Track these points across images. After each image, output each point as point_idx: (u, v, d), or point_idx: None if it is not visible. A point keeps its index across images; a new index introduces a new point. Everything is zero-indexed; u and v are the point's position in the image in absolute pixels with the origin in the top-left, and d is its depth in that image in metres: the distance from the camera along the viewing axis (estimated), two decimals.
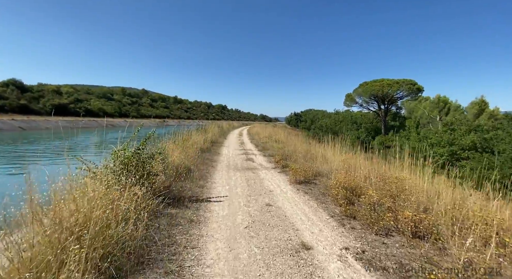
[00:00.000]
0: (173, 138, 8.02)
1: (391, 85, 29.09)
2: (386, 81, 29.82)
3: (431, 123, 28.61)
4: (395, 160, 5.34)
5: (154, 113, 67.95)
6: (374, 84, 30.14)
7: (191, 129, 11.56)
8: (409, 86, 28.75)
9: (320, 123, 41.88)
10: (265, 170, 6.54)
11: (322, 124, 40.64)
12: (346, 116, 40.39)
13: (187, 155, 6.92)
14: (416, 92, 29.70)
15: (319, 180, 5.54)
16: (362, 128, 34.09)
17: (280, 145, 11.31)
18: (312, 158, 7.49)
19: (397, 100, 32.06)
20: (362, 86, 31.59)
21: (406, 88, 28.73)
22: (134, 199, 2.94)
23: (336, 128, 37.90)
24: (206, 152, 9.23)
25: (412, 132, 23.26)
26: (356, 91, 32.77)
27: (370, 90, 29.81)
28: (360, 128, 34.66)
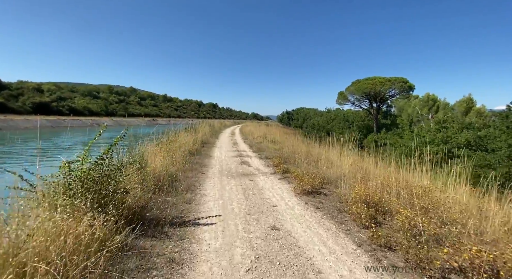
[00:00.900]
0: (158, 140, 7.01)
1: (384, 83, 28.80)
2: (379, 79, 29.53)
3: (422, 121, 28.55)
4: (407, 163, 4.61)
5: (143, 112, 65.72)
6: (366, 82, 29.79)
7: (180, 129, 10.55)
8: (401, 84, 28.55)
9: (312, 121, 41.42)
10: (263, 176, 5.66)
11: (314, 122, 40.19)
12: (338, 115, 40.11)
13: (173, 160, 5.94)
14: (408, 90, 29.56)
15: (328, 189, 4.71)
16: (354, 127, 33.80)
17: (276, 145, 10.46)
18: (314, 160, 6.68)
19: (389, 98, 31.92)
20: (355, 84, 31.20)
21: (398, 86, 28.50)
22: (86, 235, 2.00)
23: (329, 127, 37.52)
24: (196, 154, 8.25)
25: (406, 131, 22.96)
26: (348, 89, 32.37)
27: (363, 88, 29.44)
28: (352, 126, 34.39)
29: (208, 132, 14.75)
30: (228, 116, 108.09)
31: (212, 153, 8.92)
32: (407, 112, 34.97)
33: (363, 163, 5.96)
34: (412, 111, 34.32)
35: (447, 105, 33.29)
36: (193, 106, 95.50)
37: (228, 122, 43.06)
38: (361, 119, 36.56)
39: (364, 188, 3.49)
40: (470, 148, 15.31)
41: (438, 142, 16.33)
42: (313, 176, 4.87)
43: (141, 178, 3.65)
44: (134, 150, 4.60)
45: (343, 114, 40.29)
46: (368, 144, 24.04)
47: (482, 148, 14.96)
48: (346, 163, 5.79)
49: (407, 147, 18.04)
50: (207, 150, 9.54)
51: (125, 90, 78.28)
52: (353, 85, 31.62)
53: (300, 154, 7.64)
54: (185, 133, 9.96)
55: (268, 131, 15.56)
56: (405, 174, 4.42)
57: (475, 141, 15.82)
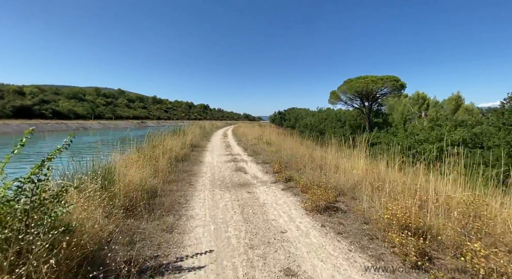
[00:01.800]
0: (138, 145, 5.99)
1: (376, 81, 28.50)
2: (371, 78, 29.20)
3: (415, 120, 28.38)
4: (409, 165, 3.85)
5: (132, 114, 63.60)
6: (358, 81, 29.41)
7: (167, 132, 9.51)
8: (393, 82, 28.31)
9: (304, 121, 40.91)
10: (263, 186, 4.75)
11: (307, 122, 39.69)
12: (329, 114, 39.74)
13: (154, 169, 4.95)
14: (400, 89, 29.37)
15: (344, 202, 3.85)
16: (347, 126, 33.45)
17: (272, 147, 9.58)
18: (318, 165, 5.82)
19: (381, 97, 31.72)
20: (347, 84, 30.78)
21: (390, 84, 28.25)
22: None
23: (321, 127, 37.06)
24: (185, 160, 7.26)
25: (400, 129, 22.58)
26: (340, 88, 31.95)
27: (355, 87, 29.04)
28: (345, 125, 34.03)
29: (198, 135, 13.72)
30: (219, 118, 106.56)
31: (203, 158, 7.94)
32: (397, 110, 34.90)
33: (377, 167, 5.16)
34: (403, 109, 34.28)
35: (437, 103, 33.41)
36: (183, 107, 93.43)
37: (220, 124, 41.94)
38: (353, 118, 36.30)
39: (401, 208, 2.63)
40: (466, 146, 14.92)
41: (433, 140, 15.91)
42: (325, 186, 4.01)
43: (103, 201, 2.66)
44: (100, 161, 3.61)
45: (335, 114, 39.94)
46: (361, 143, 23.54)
47: (478, 145, 14.58)
48: (358, 167, 4.96)
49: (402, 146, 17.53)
50: (197, 155, 8.55)
51: (113, 92, 75.63)
52: (345, 85, 31.21)
53: (301, 157, 6.78)
54: (172, 137, 8.93)
55: (262, 132, 14.66)
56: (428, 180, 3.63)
57: (471, 139, 15.42)
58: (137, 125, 52.86)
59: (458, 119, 20.21)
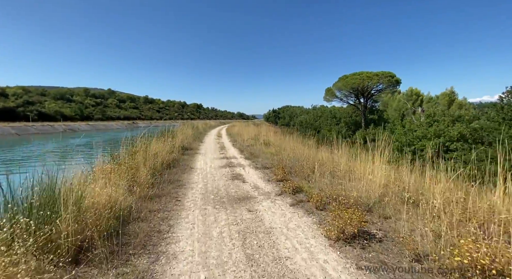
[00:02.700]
0: (114, 152, 5.00)
1: (371, 77, 27.91)
2: (366, 74, 28.61)
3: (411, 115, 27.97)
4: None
5: (122, 114, 61.67)
6: (354, 77, 28.78)
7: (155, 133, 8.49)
8: (388, 78, 27.78)
9: (299, 119, 40.30)
10: (267, 201, 3.84)
11: (302, 120, 39.06)
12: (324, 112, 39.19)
13: (132, 182, 3.99)
14: (395, 84, 28.88)
15: (375, 224, 2.97)
16: (342, 123, 32.91)
17: (271, 148, 8.68)
18: (330, 171, 4.95)
19: (376, 93, 31.25)
20: (342, 80, 30.12)
21: (385, 80, 27.71)
22: None
23: (317, 124, 36.45)
24: (173, 166, 6.29)
25: (397, 125, 22.04)
26: (336, 85, 31.29)
27: (351, 84, 28.39)
28: (340, 123, 33.48)
29: (190, 135, 12.70)
30: (213, 117, 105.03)
31: (194, 163, 6.97)
32: (391, 107, 34.57)
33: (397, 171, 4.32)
34: (397, 105, 33.96)
35: (431, 99, 33.17)
36: (176, 107, 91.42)
37: (214, 123, 40.80)
38: (348, 115, 35.80)
39: (489, 248, 1.77)
40: (466, 141, 14.40)
41: (431, 136, 15.36)
42: (345, 202, 3.13)
43: (36, 245, 1.71)
44: (52, 176, 2.62)
45: (329, 111, 39.41)
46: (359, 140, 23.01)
47: (478, 141, 14.05)
48: (376, 173, 4.11)
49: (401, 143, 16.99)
50: (188, 159, 7.57)
51: (103, 92, 73.25)
52: (341, 81, 30.55)
53: (306, 160, 5.90)
54: (160, 139, 7.93)
55: (258, 131, 13.75)
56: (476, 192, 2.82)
57: (471, 134, 14.85)
58: (128, 126, 51.12)
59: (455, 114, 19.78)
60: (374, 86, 29.28)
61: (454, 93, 31.17)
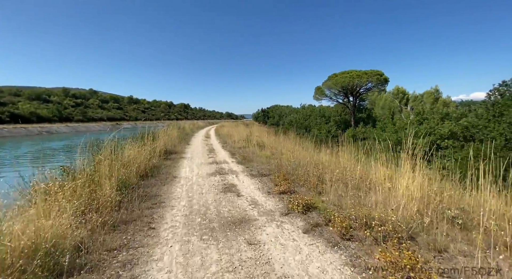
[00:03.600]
0: (68, 164, 3.88)
1: (360, 76, 27.70)
2: (355, 72, 28.38)
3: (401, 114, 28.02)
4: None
5: (105, 115, 58.64)
6: (343, 76, 28.48)
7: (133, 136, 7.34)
8: (377, 77, 27.68)
9: (289, 118, 39.76)
10: (271, 225, 2.88)
11: (291, 119, 38.52)
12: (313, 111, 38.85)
13: (88, 204, 2.92)
14: (383, 83, 28.87)
15: (426, 257, 2.11)
16: (332, 122, 32.61)
17: (266, 151, 7.74)
18: (342, 180, 4.06)
19: (365, 92, 31.14)
20: (332, 79, 29.75)
21: (374, 79, 27.58)
22: None
23: (306, 123, 35.98)
24: (151, 176, 5.19)
25: (388, 124, 21.80)
26: (325, 84, 30.90)
27: (341, 82, 28.07)
28: (330, 121, 33.18)
29: (176, 137, 11.53)
30: (201, 117, 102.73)
31: (178, 170, 5.89)
32: (379, 105, 34.72)
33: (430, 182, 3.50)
34: (384, 103, 34.09)
35: (417, 97, 33.50)
36: (162, 107, 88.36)
37: (202, 123, 39.32)
38: (338, 114, 35.60)
39: None
40: (457, 139, 14.16)
41: (422, 134, 15.06)
42: (385, 230, 2.25)
43: None
44: None
45: (319, 110, 39.11)
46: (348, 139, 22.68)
47: (469, 139, 13.81)
48: (412, 182, 3.25)
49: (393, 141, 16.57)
50: (172, 165, 6.48)
51: (84, 92, 69.41)
52: (330, 80, 30.17)
53: (309, 165, 5.00)
54: (138, 142, 6.77)
55: (249, 132, 12.76)
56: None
57: (462, 132, 14.60)
58: (111, 128, 48.58)
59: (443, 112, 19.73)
60: (364, 85, 29.11)
61: (438, 91, 31.56)
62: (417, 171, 3.27)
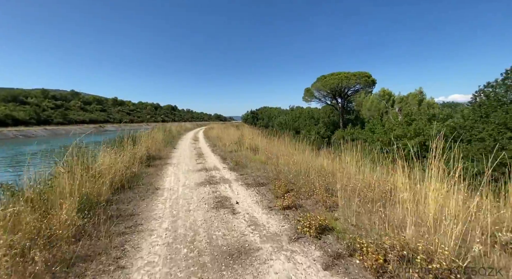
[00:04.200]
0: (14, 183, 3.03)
1: (349, 78, 27.77)
2: (344, 74, 28.42)
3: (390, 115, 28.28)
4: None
5: (88, 117, 55.91)
6: (332, 78, 28.45)
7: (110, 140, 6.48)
8: (365, 78, 27.86)
9: (279, 120, 39.44)
10: (280, 258, 2.19)
11: (281, 121, 38.23)
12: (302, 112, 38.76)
13: (36, 236, 2.12)
14: (371, 85, 29.15)
15: None
16: (321, 123, 32.56)
17: (261, 156, 7.08)
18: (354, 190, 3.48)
19: (353, 94, 31.29)
20: (321, 80, 29.66)
21: (362, 81, 27.75)
22: None
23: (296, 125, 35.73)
24: (129, 188, 4.38)
25: (377, 125, 21.82)
26: (314, 85, 30.78)
27: (330, 84, 28.00)
28: (319, 123, 33.11)
29: (161, 141, 10.63)
30: (189, 119, 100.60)
31: (162, 180, 5.10)
32: (365, 107, 35.10)
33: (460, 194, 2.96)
34: (370, 105, 34.44)
35: (403, 99, 34.04)
36: (148, 109, 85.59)
37: (190, 125, 38.07)
38: (326, 115, 35.64)
39: None
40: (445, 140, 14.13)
41: (411, 135, 14.99)
42: (439, 267, 1.65)
43: None
44: None
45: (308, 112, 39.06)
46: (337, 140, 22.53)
47: (458, 139, 13.84)
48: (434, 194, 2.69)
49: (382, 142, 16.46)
50: (154, 173, 5.66)
51: (65, 94, 65.95)
52: (319, 81, 30.07)
53: (310, 171, 4.39)
54: (116, 147, 5.91)
55: (240, 134, 12.05)
56: None
57: (450, 132, 14.63)
58: (94, 130, 46.18)
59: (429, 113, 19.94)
60: (352, 87, 29.19)
61: (422, 93, 32.20)
62: (445, 180, 2.70)
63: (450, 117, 17.70)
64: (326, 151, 6.95)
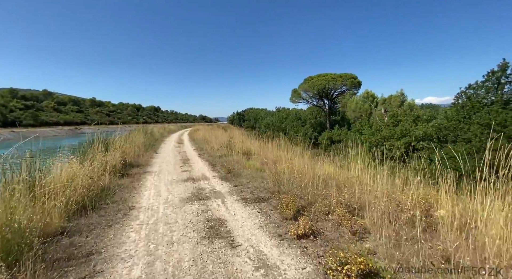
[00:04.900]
0: None
1: (336, 79, 27.76)
2: (331, 75, 28.39)
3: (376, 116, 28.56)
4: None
5: (62, 119, 52.12)
6: (319, 79, 28.31)
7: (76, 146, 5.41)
8: (351, 80, 27.98)
9: (266, 121, 38.85)
10: None
11: (268, 122, 37.67)
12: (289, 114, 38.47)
13: None
14: (357, 86, 29.36)
15: None
16: (308, 124, 32.36)
17: (255, 162, 6.26)
18: (387, 212, 2.77)
19: (339, 95, 31.41)
20: (308, 81, 29.42)
21: (349, 82, 27.84)
22: None
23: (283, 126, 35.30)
24: (93, 209, 3.38)
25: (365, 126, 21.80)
26: (302, 86, 30.52)
27: (317, 85, 27.82)
28: (306, 124, 32.91)
29: (141, 144, 9.50)
30: (173, 120, 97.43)
31: (138, 195, 4.12)
32: (350, 108, 35.45)
33: None
34: (355, 106, 34.81)
35: (385, 100, 34.68)
36: (129, 110, 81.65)
37: (174, 127, 36.36)
38: (313, 116, 35.58)
39: None
40: (431, 140, 14.15)
41: (398, 136, 14.92)
42: None
43: None
44: None
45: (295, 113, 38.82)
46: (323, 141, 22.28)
47: (443, 140, 13.88)
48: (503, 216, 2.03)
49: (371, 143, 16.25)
50: (130, 186, 4.65)
51: (37, 94, 61.14)
52: (307, 83, 29.84)
53: (318, 181, 3.65)
54: (81, 155, 4.83)
55: (229, 136, 11.15)
56: None
57: (436, 133, 14.65)
58: (69, 133, 42.89)
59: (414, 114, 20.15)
60: (338, 88, 29.20)
61: (403, 95, 32.95)
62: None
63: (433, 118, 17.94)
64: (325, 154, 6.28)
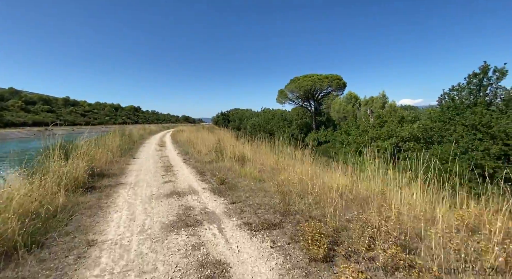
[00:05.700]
0: None
1: (322, 80, 27.61)
2: (317, 76, 28.20)
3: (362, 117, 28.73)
4: None
5: (31, 119, 47.69)
6: (306, 79, 28.02)
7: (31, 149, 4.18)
8: (337, 81, 27.99)
9: (252, 122, 38.01)
10: None
11: (254, 123, 36.87)
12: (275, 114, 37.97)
13: None
14: (342, 87, 29.48)
15: None
16: (294, 125, 32.01)
17: (252, 169, 5.36)
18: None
19: (325, 95, 31.38)
20: (294, 82, 29.03)
21: (334, 83, 27.83)
22: None
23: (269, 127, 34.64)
24: (28, 252, 2.32)
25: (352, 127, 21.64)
26: (288, 87, 30.08)
27: (304, 86, 27.50)
28: (292, 125, 32.54)
29: (116, 148, 8.23)
30: (154, 121, 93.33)
31: (104, 220, 3.07)
32: (334, 109, 35.63)
33: None
34: (339, 108, 35.02)
35: (368, 102, 35.18)
36: (107, 110, 76.96)
37: (155, 128, 34.31)
38: (299, 117, 35.34)
39: None
40: (418, 141, 14.09)
41: (385, 137, 14.79)
42: None
43: None
44: None
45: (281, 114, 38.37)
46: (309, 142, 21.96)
47: (429, 140, 13.87)
48: None
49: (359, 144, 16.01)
50: (95, 205, 3.56)
51: (2, 92, 55.62)
52: (293, 83, 29.45)
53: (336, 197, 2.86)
54: (30, 166, 3.66)
55: (216, 138, 10.12)
56: None
57: (422, 134, 14.59)
58: (37, 134, 39.12)
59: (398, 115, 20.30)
60: (324, 89, 29.07)
61: (385, 97, 33.65)
62: None
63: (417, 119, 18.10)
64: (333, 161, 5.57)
